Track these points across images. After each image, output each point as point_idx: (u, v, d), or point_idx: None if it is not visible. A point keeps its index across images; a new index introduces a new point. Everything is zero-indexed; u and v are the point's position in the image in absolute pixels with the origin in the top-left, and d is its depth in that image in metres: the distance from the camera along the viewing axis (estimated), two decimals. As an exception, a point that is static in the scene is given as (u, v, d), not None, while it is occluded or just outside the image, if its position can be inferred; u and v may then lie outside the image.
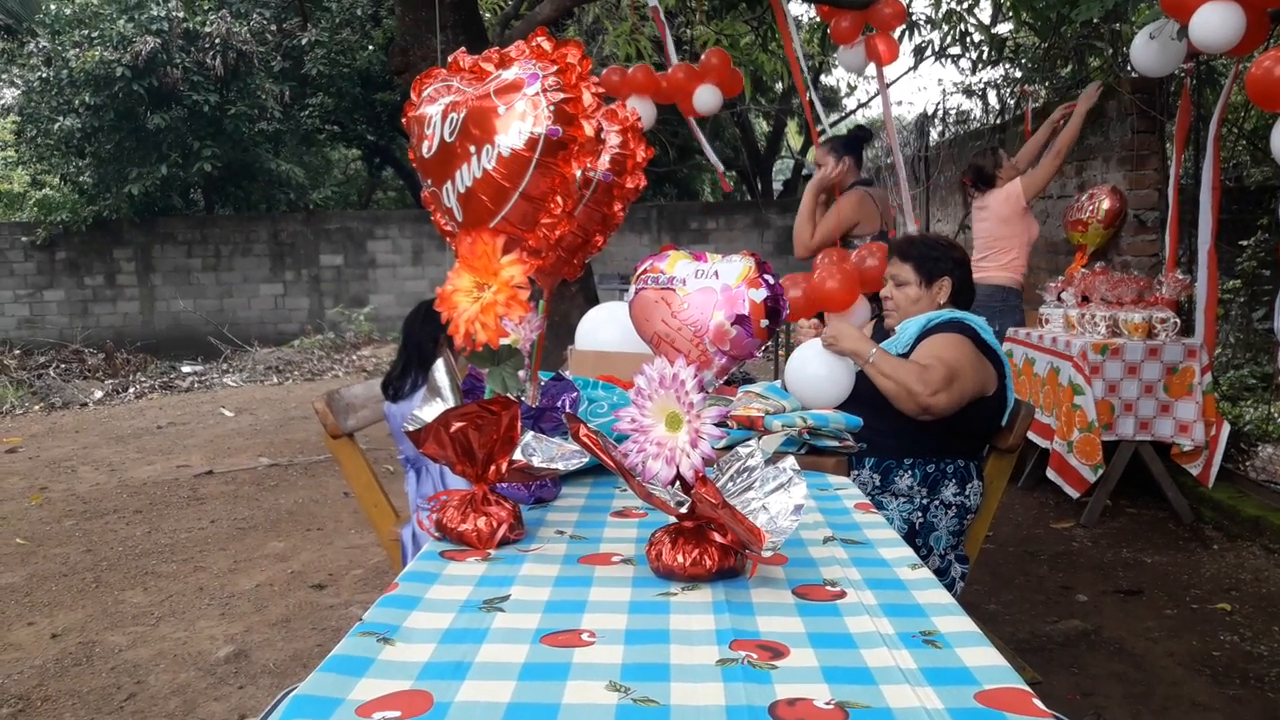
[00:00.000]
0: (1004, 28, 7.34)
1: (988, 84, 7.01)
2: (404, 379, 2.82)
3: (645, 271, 1.69)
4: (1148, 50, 4.02)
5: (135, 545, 4.29)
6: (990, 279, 4.92)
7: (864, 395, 2.36)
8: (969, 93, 7.22)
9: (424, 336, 2.84)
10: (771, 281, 1.57)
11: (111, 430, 7.26)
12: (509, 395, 1.58)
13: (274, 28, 12.64)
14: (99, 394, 9.00)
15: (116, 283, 12.95)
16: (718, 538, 1.36)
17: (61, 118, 11.87)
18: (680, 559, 1.35)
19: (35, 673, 3.01)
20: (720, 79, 5.78)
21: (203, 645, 3.19)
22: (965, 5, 6.71)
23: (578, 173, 1.50)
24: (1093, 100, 4.77)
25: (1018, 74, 6.70)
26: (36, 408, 8.44)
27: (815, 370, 2.33)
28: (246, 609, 3.51)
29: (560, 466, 1.56)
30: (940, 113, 7.83)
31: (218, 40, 11.82)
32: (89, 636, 3.28)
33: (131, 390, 9.31)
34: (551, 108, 1.43)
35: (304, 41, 12.53)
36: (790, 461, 1.42)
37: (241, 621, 3.39)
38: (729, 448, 1.59)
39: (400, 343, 2.94)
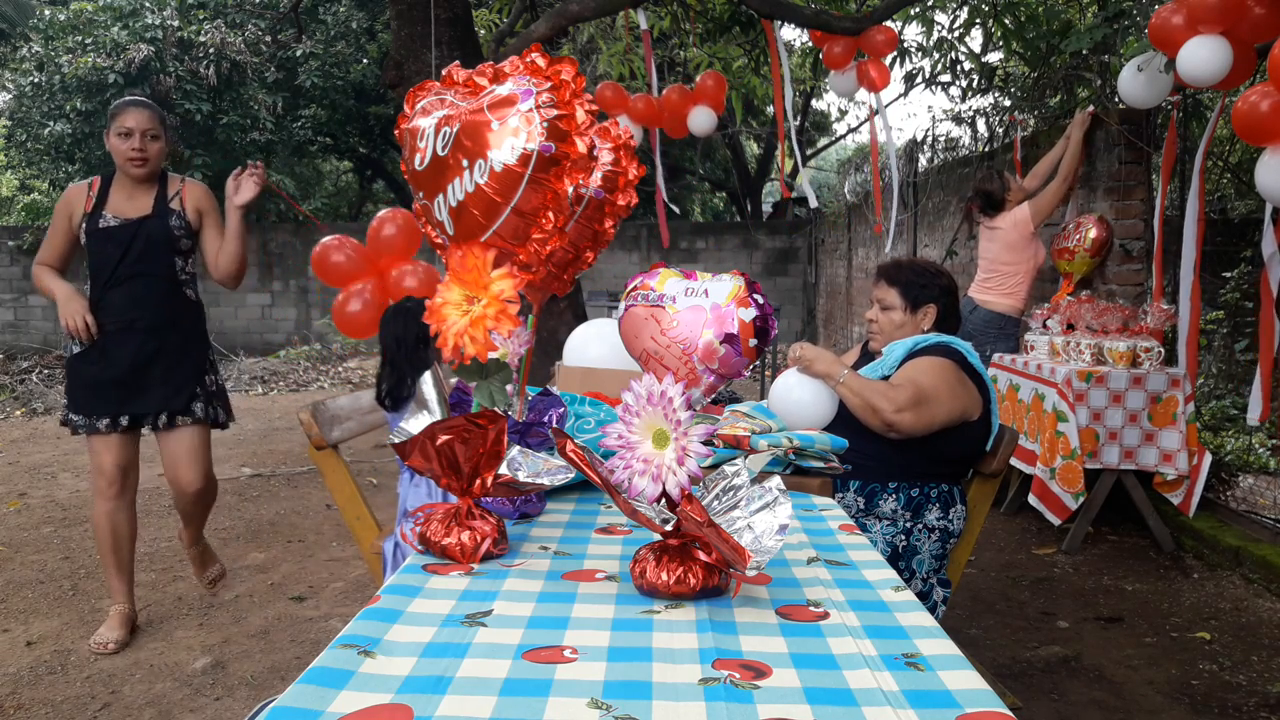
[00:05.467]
0: (994, 56, 7.42)
1: (977, 112, 7.08)
2: (399, 385, 2.74)
3: (635, 289, 1.70)
4: (1136, 82, 4.08)
5: (114, 554, 4.24)
6: (991, 305, 4.92)
7: (849, 419, 2.37)
8: (958, 120, 7.28)
9: (406, 335, 2.73)
10: (761, 301, 1.58)
11: (93, 437, 7.19)
12: (496, 409, 1.58)
13: (269, 39, 12.67)
14: (81, 401, 8.92)
15: (102, 289, 12.88)
16: (702, 556, 1.36)
17: (52, 123, 11.84)
18: (664, 577, 1.35)
19: (9, 680, 2.97)
20: (714, 101, 5.88)
21: (180, 656, 3.15)
22: (956, 34, 6.78)
23: (570, 189, 1.50)
24: (1085, 125, 4.81)
25: (1007, 103, 6.77)
26: (18, 413, 8.37)
27: (800, 395, 2.35)
28: (225, 620, 3.48)
29: (546, 481, 1.55)
30: (929, 139, 7.89)
31: (212, 50, 11.83)
32: (64, 645, 3.25)
33: (114, 397, 9.22)
34: (545, 124, 1.43)
35: (298, 53, 12.56)
36: (776, 481, 1.42)
37: (220, 632, 3.35)
38: (715, 466, 1.59)
39: (382, 352, 2.83)
